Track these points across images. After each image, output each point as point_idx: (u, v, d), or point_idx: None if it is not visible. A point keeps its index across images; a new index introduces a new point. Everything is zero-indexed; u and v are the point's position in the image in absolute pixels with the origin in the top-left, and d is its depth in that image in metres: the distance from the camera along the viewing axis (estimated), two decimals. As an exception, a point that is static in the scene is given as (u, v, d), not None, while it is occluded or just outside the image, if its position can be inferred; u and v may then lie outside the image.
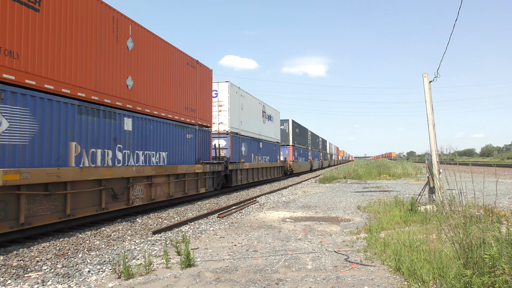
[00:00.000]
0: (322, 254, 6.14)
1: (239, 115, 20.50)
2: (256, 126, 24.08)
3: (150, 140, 11.60)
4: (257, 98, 24.74)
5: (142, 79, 11.44)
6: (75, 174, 8.32)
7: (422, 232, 6.71)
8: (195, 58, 15.14)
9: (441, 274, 4.25)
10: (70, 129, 8.47)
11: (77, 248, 7.09)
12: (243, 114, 21.30)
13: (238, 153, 20.01)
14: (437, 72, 9.69)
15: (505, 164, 54.73)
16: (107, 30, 9.84)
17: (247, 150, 21.83)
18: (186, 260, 5.54)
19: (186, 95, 14.25)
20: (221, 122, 18.88)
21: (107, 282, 5.03)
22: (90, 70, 9.24)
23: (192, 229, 8.94)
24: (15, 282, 5.18)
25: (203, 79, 15.86)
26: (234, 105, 19.76)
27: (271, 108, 29.00)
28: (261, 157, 25.04)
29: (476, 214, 5.19)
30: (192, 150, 14.42)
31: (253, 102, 23.89)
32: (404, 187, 19.87)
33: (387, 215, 9.22)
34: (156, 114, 12.08)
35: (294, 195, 16.80)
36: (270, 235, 7.86)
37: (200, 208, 12.87)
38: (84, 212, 8.78)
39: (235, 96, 20.02)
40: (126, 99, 10.58)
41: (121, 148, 10.22)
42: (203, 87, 15.82)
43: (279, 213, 11.21)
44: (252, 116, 23.43)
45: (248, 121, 22.38)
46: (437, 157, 9.84)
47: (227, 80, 19.04)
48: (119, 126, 10.15)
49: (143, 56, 11.50)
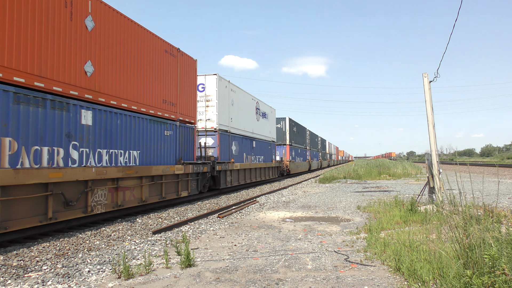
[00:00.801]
0: (322, 254, 6.14)
1: (229, 111, 18.98)
2: (248, 124, 22.47)
3: (117, 137, 10.06)
4: (250, 94, 23.20)
5: (107, 65, 9.84)
6: (7, 177, 6.70)
7: (422, 232, 6.72)
8: (176, 46, 13.61)
9: (441, 274, 4.26)
10: (2, 122, 6.85)
11: (77, 248, 7.09)
12: (233, 111, 19.72)
13: (227, 153, 18.56)
14: (437, 72, 9.69)
15: (505, 164, 54.73)
16: (56, 3, 8.22)
17: (238, 149, 20.34)
18: (186, 260, 5.54)
19: (164, 87, 12.66)
20: (209, 118, 17.35)
21: (107, 282, 5.03)
22: (33, 50, 7.62)
23: (192, 229, 8.94)
24: (15, 282, 5.18)
25: (185, 70, 14.23)
26: (223, 100, 18.27)
27: (265, 105, 27.40)
28: (255, 156, 23.44)
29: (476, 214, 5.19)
30: (171, 149, 12.85)
31: (246, 98, 22.25)
32: (404, 187, 19.87)
33: (387, 215, 9.22)
34: (125, 107, 10.54)
35: (294, 195, 16.80)
36: (270, 235, 7.86)
37: (200, 208, 12.88)
38: (22, 223, 7.16)
39: (225, 90, 18.57)
40: (85, 88, 8.98)
41: (77, 145, 8.66)
42: (185, 79, 14.20)
43: (279, 213, 11.21)
44: (244, 113, 21.78)
45: (240, 118, 20.74)
46: (437, 157, 9.84)
47: (215, 72, 17.63)
48: (74, 119, 8.55)
49: (108, 39, 9.87)
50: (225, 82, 18.72)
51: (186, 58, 14.42)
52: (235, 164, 19.01)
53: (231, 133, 19.06)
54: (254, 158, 23.28)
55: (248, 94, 22.71)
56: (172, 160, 12.90)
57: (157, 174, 11.63)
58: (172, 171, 12.43)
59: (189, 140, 14.36)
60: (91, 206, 8.89)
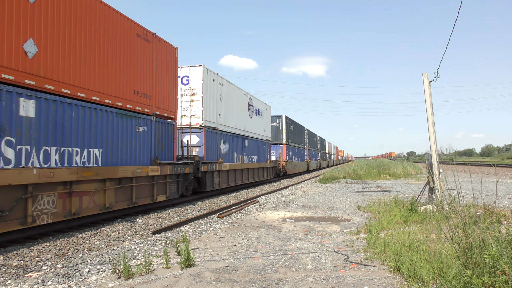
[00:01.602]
0: (322, 254, 6.14)
1: (216, 107, 17.42)
2: (240, 121, 20.88)
3: (72, 133, 8.47)
4: (241, 89, 21.65)
5: (57, 46, 8.17)
6: None
7: (422, 232, 6.72)
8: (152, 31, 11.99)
9: (441, 274, 4.26)
10: None
11: (77, 248, 7.09)
12: (222, 106, 18.17)
13: (215, 152, 17.00)
14: (437, 72, 9.69)
15: (505, 164, 54.71)
16: None
17: (228, 148, 18.77)
18: (186, 260, 5.54)
19: (136, 76, 11.01)
20: (194, 114, 15.77)
21: (107, 282, 5.03)
22: None
23: (192, 229, 8.94)
24: (15, 282, 5.18)
25: (163, 58, 12.61)
26: (211, 95, 16.76)
27: (259, 102, 25.68)
28: (247, 156, 21.84)
29: (476, 214, 5.20)
30: (145, 147, 11.22)
31: (236, 93, 20.70)
32: (404, 187, 19.87)
33: (387, 215, 9.22)
34: (83, 98, 8.92)
35: (294, 195, 16.80)
36: (270, 235, 7.87)
37: (200, 208, 12.88)
38: None
39: (212, 84, 17.02)
40: (24, 72, 7.36)
41: (13, 142, 7.01)
42: (164, 68, 12.61)
43: (279, 213, 11.21)
44: (235, 109, 20.24)
45: (230, 115, 19.26)
46: (437, 157, 9.84)
47: (201, 64, 16.05)
48: (8, 109, 6.93)
49: (59, 15, 8.23)
50: (213, 75, 17.19)
51: (164, 45, 12.69)
52: (224, 165, 17.51)
53: (219, 131, 17.60)
54: (246, 158, 21.71)
55: (239, 89, 21.28)
56: (146, 160, 11.29)
57: (125, 176, 10.03)
58: (145, 172, 10.88)
59: (168, 137, 12.74)
60: (32, 216, 7.30)
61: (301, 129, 41.29)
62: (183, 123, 15.73)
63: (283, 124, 32.60)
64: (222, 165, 17.28)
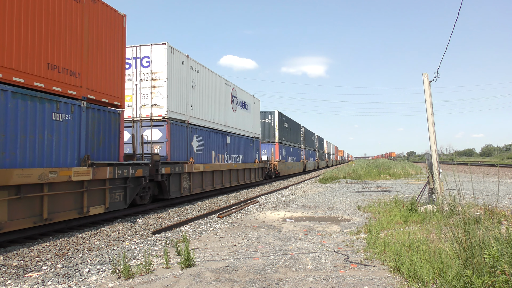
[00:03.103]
0: (322, 254, 6.14)
1: (187, 96, 14.68)
2: (220, 114, 18.13)
3: None
4: (222, 77, 18.93)
5: None
6: None
7: (422, 232, 6.72)
8: None
9: (441, 274, 4.26)
10: None
11: (77, 248, 7.09)
12: (195, 95, 15.41)
13: (184, 150, 14.26)
14: (437, 72, 9.69)
15: (505, 164, 54.73)
16: None
17: (203, 146, 15.98)
18: (186, 260, 5.54)
19: (53, 44, 8.20)
20: (155, 103, 13.11)
21: (107, 282, 5.03)
22: None
23: (192, 229, 8.94)
24: (15, 282, 5.18)
25: (102, 26, 9.78)
26: (178, 80, 14.07)
27: (246, 94, 22.68)
28: (229, 155, 19.07)
29: (476, 214, 5.20)
30: (69, 143, 8.46)
31: (215, 81, 17.85)
32: (404, 187, 19.87)
33: (387, 215, 9.22)
34: None
35: (294, 195, 16.80)
36: (270, 235, 7.87)
37: (200, 208, 12.87)
38: None
39: (181, 67, 14.28)
40: None
41: None
42: (103, 40, 9.79)
43: (279, 213, 11.21)
44: (213, 100, 17.43)
45: (206, 106, 16.49)
46: (437, 157, 9.84)
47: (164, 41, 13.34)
48: None
49: None
50: (181, 57, 14.41)
51: (103, 8, 9.84)
52: (197, 165, 14.66)
53: (191, 125, 14.82)
54: (228, 158, 18.96)
55: (219, 77, 18.55)
56: (70, 159, 8.48)
57: (28, 183, 7.17)
58: (65, 176, 8.03)
59: (110, 130, 9.89)
60: None
61: (297, 126, 38.84)
62: (142, 114, 13.21)
63: (275, 120, 29.73)
64: (194, 166, 14.34)
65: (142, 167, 10.82)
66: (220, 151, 17.93)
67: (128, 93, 12.88)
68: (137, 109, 13.30)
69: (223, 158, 18.26)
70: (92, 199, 9.06)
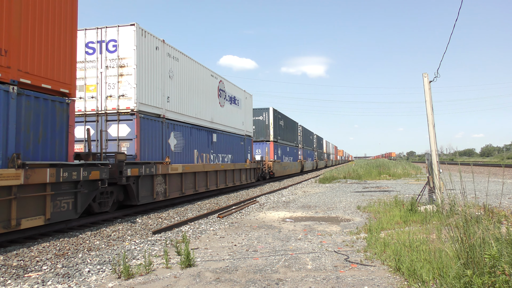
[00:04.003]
0: (322, 254, 6.14)
1: (163, 86, 12.91)
2: (204, 109, 16.31)
3: None
4: (208, 68, 16.95)
5: None
6: None
7: (422, 232, 6.72)
8: None
9: (441, 274, 4.26)
10: None
11: (77, 248, 7.09)
12: (173, 87, 13.67)
13: (159, 148, 12.52)
14: (437, 72, 9.69)
15: (505, 164, 54.73)
16: None
17: (183, 144, 14.20)
18: (186, 260, 5.54)
19: None
20: (123, 94, 11.39)
21: (107, 282, 5.03)
22: None
23: (192, 229, 8.94)
24: (15, 282, 5.18)
25: None
26: (151, 68, 12.27)
27: (236, 88, 20.83)
28: (216, 155, 17.33)
29: (476, 214, 5.20)
30: None
31: (198, 72, 15.95)
32: (404, 187, 19.87)
33: (387, 215, 9.23)
34: None
35: (294, 195, 16.80)
36: (270, 235, 7.86)
37: (200, 208, 12.87)
38: None
39: (154, 53, 12.49)
40: None
41: None
42: (44, 8, 7.94)
43: (279, 213, 11.21)
44: (196, 93, 15.56)
45: (186, 99, 14.67)
46: (437, 157, 9.84)
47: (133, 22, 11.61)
48: None
49: None
50: (155, 41, 12.56)
51: None
52: (174, 166, 12.89)
53: (167, 119, 13.13)
54: (214, 157, 17.15)
55: (204, 67, 16.57)
56: None
57: None
58: None
59: (55, 123, 8.20)
60: None
61: (294, 125, 36.96)
62: (108, 107, 11.53)
63: (270, 118, 27.87)
64: (170, 167, 12.59)
65: (99, 169, 9.02)
66: (204, 150, 16.12)
67: (91, 83, 11.65)
68: (102, 101, 11.56)
69: (208, 157, 16.39)
70: (25, 209, 7.23)
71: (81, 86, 11.48)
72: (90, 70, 11.67)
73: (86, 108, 11.66)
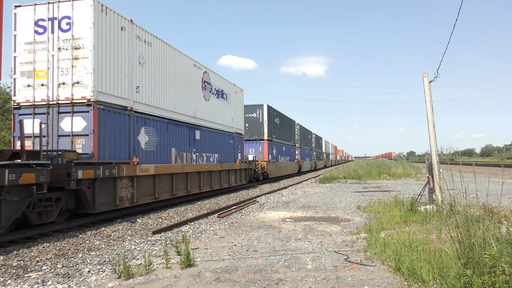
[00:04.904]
0: (322, 254, 6.14)
1: (131, 74, 11.06)
2: (185, 102, 14.41)
3: None
4: (190, 57, 15.06)
5: None
6: None
7: (422, 232, 6.72)
8: None
9: (441, 274, 4.26)
10: None
11: (77, 248, 7.09)
12: (145, 75, 11.79)
13: (125, 146, 10.61)
14: (437, 72, 9.69)
15: (505, 164, 54.71)
16: None
17: (157, 142, 12.34)
18: (186, 260, 5.54)
19: None
20: (78, 81, 9.64)
21: (107, 282, 5.03)
22: None
23: (192, 229, 8.94)
24: (15, 282, 5.18)
25: None
26: (116, 52, 10.45)
27: (224, 81, 18.96)
28: (199, 154, 15.44)
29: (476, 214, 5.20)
30: None
31: (178, 61, 14.10)
32: (404, 187, 19.87)
33: (387, 215, 9.22)
34: None
35: (294, 195, 16.80)
36: (270, 235, 7.87)
37: (200, 208, 12.87)
38: None
39: (120, 35, 10.66)
40: None
41: None
42: None
43: (279, 213, 11.21)
44: (175, 84, 13.69)
45: (162, 90, 12.79)
46: (437, 157, 9.84)
47: None
48: None
49: None
50: (120, 20, 10.79)
51: None
52: (144, 167, 11.09)
53: (137, 113, 11.25)
54: (197, 157, 15.27)
55: (185, 56, 14.69)
56: None
57: None
58: None
59: None
60: None
61: (290, 123, 35.19)
62: (61, 96, 9.77)
63: (264, 115, 26.01)
64: (139, 168, 10.80)
65: (33, 170, 7.41)
66: (185, 148, 14.25)
67: (41, 67, 9.90)
68: (54, 89, 9.79)
69: (189, 157, 14.54)
70: None
71: (30, 72, 9.90)
72: (40, 52, 9.91)
73: (36, 97, 9.84)
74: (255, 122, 26.14)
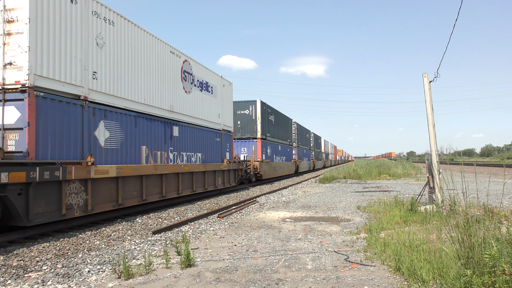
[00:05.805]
0: (322, 254, 6.14)
1: (85, 56, 9.23)
2: (160, 94, 12.65)
3: None
4: (167, 43, 13.35)
5: None
6: None
7: (422, 232, 6.72)
8: None
9: (441, 274, 4.26)
10: None
11: (77, 248, 7.09)
12: (105, 59, 9.99)
13: (78, 143, 8.87)
14: (437, 72, 9.69)
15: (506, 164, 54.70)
16: None
17: (122, 139, 10.51)
18: (186, 260, 5.54)
19: None
20: (10, 62, 7.78)
21: (107, 282, 5.03)
22: None
23: (192, 229, 8.94)
24: (15, 282, 5.18)
25: None
26: (62, 28, 8.58)
27: (210, 72, 17.12)
28: (177, 153, 13.67)
29: (477, 214, 5.20)
30: None
31: (151, 45, 12.28)
32: (404, 187, 19.87)
33: (387, 215, 9.22)
34: None
35: (294, 195, 16.80)
36: (270, 235, 7.87)
37: (200, 208, 12.87)
38: None
39: (69, 8, 8.81)
40: None
41: None
42: None
43: (279, 213, 11.21)
44: (146, 72, 11.89)
45: (129, 78, 10.97)
46: (437, 157, 9.84)
47: None
48: None
49: None
50: None
51: None
52: (102, 168, 9.31)
53: (92, 103, 9.44)
54: (175, 156, 13.53)
55: (159, 40, 12.88)
56: None
57: None
58: None
59: None
60: None
61: (287, 121, 33.58)
62: None
63: (257, 112, 24.27)
64: (95, 169, 9.00)
65: None
66: (159, 146, 12.46)
67: None
68: None
69: (164, 156, 12.76)
70: None
71: None
72: None
73: None
74: (248, 119, 24.41)
